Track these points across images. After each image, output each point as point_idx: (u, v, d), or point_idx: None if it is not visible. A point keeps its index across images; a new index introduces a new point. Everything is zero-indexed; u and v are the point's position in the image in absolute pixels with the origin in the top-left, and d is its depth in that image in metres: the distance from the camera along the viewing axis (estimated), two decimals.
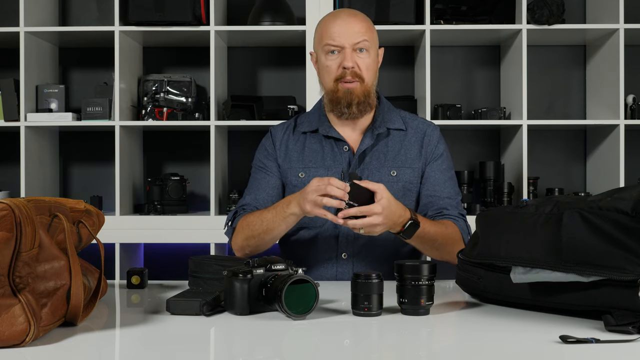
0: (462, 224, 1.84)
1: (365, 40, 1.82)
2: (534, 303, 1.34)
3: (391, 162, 1.87)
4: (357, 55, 1.83)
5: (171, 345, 1.15)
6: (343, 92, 1.82)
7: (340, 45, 1.81)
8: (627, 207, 1.20)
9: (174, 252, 3.15)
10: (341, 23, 1.83)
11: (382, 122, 1.89)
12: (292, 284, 1.28)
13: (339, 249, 1.84)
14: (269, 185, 1.90)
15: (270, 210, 1.76)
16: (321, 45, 1.85)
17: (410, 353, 1.14)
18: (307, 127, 1.93)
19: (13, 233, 1.10)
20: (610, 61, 3.02)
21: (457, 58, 3.33)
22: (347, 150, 1.88)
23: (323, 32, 1.85)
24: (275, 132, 1.97)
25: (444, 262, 1.80)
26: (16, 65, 2.94)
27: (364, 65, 1.83)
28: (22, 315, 1.09)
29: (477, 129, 3.28)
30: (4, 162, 3.26)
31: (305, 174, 1.88)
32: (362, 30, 1.82)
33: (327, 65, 1.84)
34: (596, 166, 3.20)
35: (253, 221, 1.78)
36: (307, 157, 1.89)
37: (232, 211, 1.90)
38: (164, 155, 3.31)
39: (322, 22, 1.89)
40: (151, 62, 3.28)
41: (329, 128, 1.89)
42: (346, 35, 1.81)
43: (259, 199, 1.88)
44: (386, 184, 1.83)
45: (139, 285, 1.64)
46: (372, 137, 1.87)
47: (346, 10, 1.90)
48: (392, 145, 1.89)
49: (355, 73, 1.82)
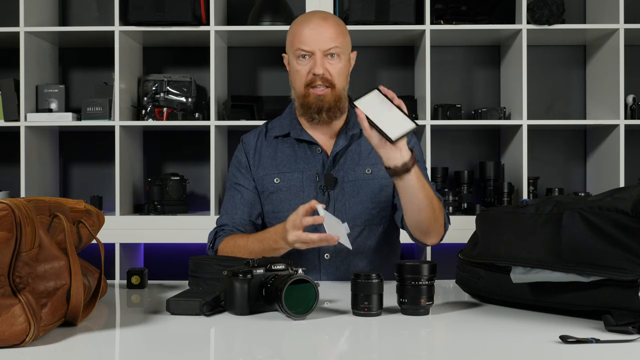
0: (441, 204, 1.78)
1: (336, 46, 1.80)
2: (534, 303, 1.34)
3: (365, 161, 1.88)
4: (328, 61, 1.81)
5: (171, 345, 1.15)
6: (314, 98, 1.82)
7: (310, 50, 1.80)
8: (627, 207, 1.20)
9: (174, 252, 3.15)
10: (313, 27, 1.81)
11: (355, 124, 1.89)
12: (292, 284, 1.28)
13: (321, 249, 1.84)
14: (242, 203, 1.89)
15: (256, 243, 1.72)
16: (292, 50, 1.84)
17: (410, 353, 1.14)
18: (278, 131, 1.92)
19: (13, 233, 1.10)
20: (610, 61, 3.02)
21: (457, 58, 3.33)
22: (320, 153, 1.87)
23: (295, 36, 1.83)
24: (247, 140, 1.96)
25: (421, 240, 1.78)
26: (16, 65, 2.94)
27: (334, 71, 1.82)
28: (22, 315, 1.09)
29: (477, 129, 3.28)
30: (4, 162, 3.26)
31: (280, 179, 1.87)
32: (333, 35, 1.81)
33: (297, 70, 1.83)
34: (596, 166, 3.20)
35: (239, 251, 1.75)
36: (281, 162, 1.89)
37: (212, 231, 1.89)
38: (164, 155, 3.31)
39: (294, 25, 1.87)
40: (151, 62, 3.28)
41: (301, 131, 1.89)
42: (317, 41, 1.79)
43: (235, 219, 1.88)
44: (362, 182, 1.84)
45: (139, 285, 1.64)
46: (346, 138, 1.88)
47: (318, 14, 1.87)
48: (365, 145, 1.89)
49: (325, 79, 1.81)
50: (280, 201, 1.87)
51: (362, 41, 3.14)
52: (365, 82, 3.24)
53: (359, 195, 1.85)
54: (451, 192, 3.00)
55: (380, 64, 3.29)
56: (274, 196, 1.88)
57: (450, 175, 3.16)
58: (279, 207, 1.87)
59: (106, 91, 3.02)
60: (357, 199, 1.85)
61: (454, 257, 1.57)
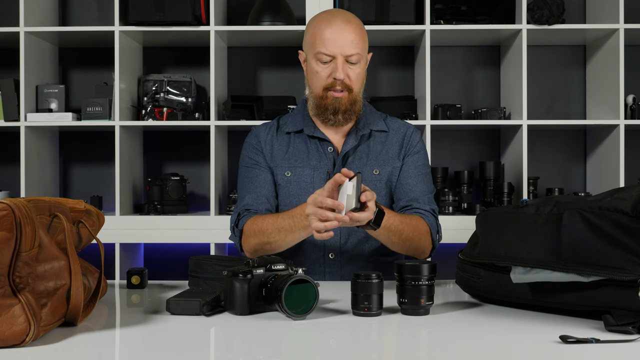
0: (432, 219, 1.83)
1: (358, 53, 1.80)
2: (534, 303, 1.34)
3: (373, 161, 1.88)
4: (348, 66, 1.80)
5: (171, 345, 1.15)
6: (331, 100, 1.82)
7: (332, 54, 1.79)
8: (627, 207, 1.20)
9: (174, 252, 3.15)
10: (335, 30, 1.79)
11: (366, 125, 1.90)
12: (292, 284, 1.28)
13: (326, 249, 1.85)
14: (266, 181, 1.87)
15: (286, 218, 1.69)
16: (313, 51, 1.82)
17: (410, 353, 1.14)
18: (291, 127, 1.92)
19: (13, 233, 1.10)
20: (610, 61, 3.02)
21: (457, 58, 3.33)
22: (331, 151, 1.88)
23: (316, 37, 1.81)
24: (258, 131, 1.95)
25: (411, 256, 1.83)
26: (16, 65, 2.94)
27: (354, 76, 1.82)
28: (22, 315, 1.09)
29: (477, 129, 3.28)
30: (4, 162, 3.26)
31: (292, 172, 1.87)
32: (355, 40, 1.79)
33: (317, 72, 1.82)
34: (596, 166, 3.20)
35: (267, 228, 1.72)
36: (293, 157, 1.89)
37: (234, 213, 1.85)
38: (164, 155, 3.31)
39: (316, 23, 1.84)
40: (151, 62, 3.28)
41: (314, 129, 1.89)
42: (339, 45, 1.78)
43: (260, 196, 1.85)
44: (369, 182, 1.85)
45: (139, 285, 1.64)
46: (356, 138, 1.88)
47: (341, 15, 1.83)
48: (374, 146, 1.90)
49: (344, 84, 1.81)
50: (288, 195, 1.87)
51: None
52: (366, 82, 3.23)
53: None
54: (451, 192, 3.00)
55: (380, 64, 3.29)
56: (283, 189, 1.87)
57: (450, 175, 3.16)
58: (286, 201, 1.87)
59: (106, 91, 3.02)
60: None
61: (454, 257, 1.57)
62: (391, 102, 3.11)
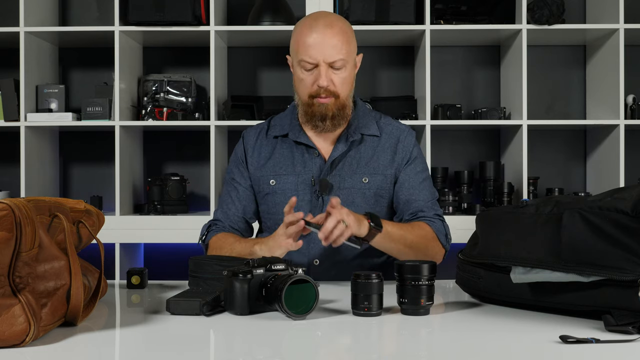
0: (439, 224, 1.82)
1: (341, 58, 1.76)
2: (534, 303, 1.34)
3: (363, 169, 1.85)
4: (332, 72, 1.77)
5: (171, 345, 1.15)
6: (318, 107, 1.79)
7: (315, 62, 1.76)
8: (627, 207, 1.20)
9: (174, 252, 3.15)
10: (317, 37, 1.75)
11: (357, 128, 1.86)
12: (292, 284, 1.28)
13: (310, 255, 1.82)
14: (237, 199, 1.90)
15: (241, 243, 1.77)
16: (297, 58, 1.80)
17: (410, 353, 1.14)
18: (278, 130, 1.90)
19: (13, 233, 1.10)
20: (610, 61, 3.02)
21: (457, 58, 3.33)
22: (317, 156, 1.85)
23: (298, 44, 1.79)
24: (247, 137, 1.95)
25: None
26: (16, 65, 2.94)
27: (339, 81, 1.78)
28: (22, 315, 1.09)
29: (477, 129, 3.28)
30: (4, 162, 3.26)
31: (276, 181, 1.86)
32: (338, 45, 1.75)
33: (301, 79, 1.80)
34: (596, 166, 3.20)
35: (224, 248, 1.79)
36: (278, 164, 1.87)
37: (206, 224, 1.91)
38: (164, 155, 3.31)
39: (298, 30, 1.81)
40: (151, 62, 3.28)
41: (299, 133, 1.86)
42: (321, 51, 1.75)
43: (229, 215, 1.89)
44: (358, 190, 1.83)
45: (139, 285, 1.64)
46: (346, 144, 1.84)
47: (322, 20, 1.78)
48: (365, 152, 1.86)
49: (329, 90, 1.78)
50: (274, 203, 1.86)
51: (362, 41, 3.12)
52: (366, 82, 3.25)
53: (353, 204, 1.81)
54: (451, 192, 3.00)
55: (380, 64, 3.29)
56: (269, 197, 1.87)
57: (450, 175, 3.16)
58: (273, 209, 1.86)
59: (106, 91, 3.03)
60: (351, 208, 1.74)
61: (454, 257, 1.57)
62: (391, 102, 3.11)
